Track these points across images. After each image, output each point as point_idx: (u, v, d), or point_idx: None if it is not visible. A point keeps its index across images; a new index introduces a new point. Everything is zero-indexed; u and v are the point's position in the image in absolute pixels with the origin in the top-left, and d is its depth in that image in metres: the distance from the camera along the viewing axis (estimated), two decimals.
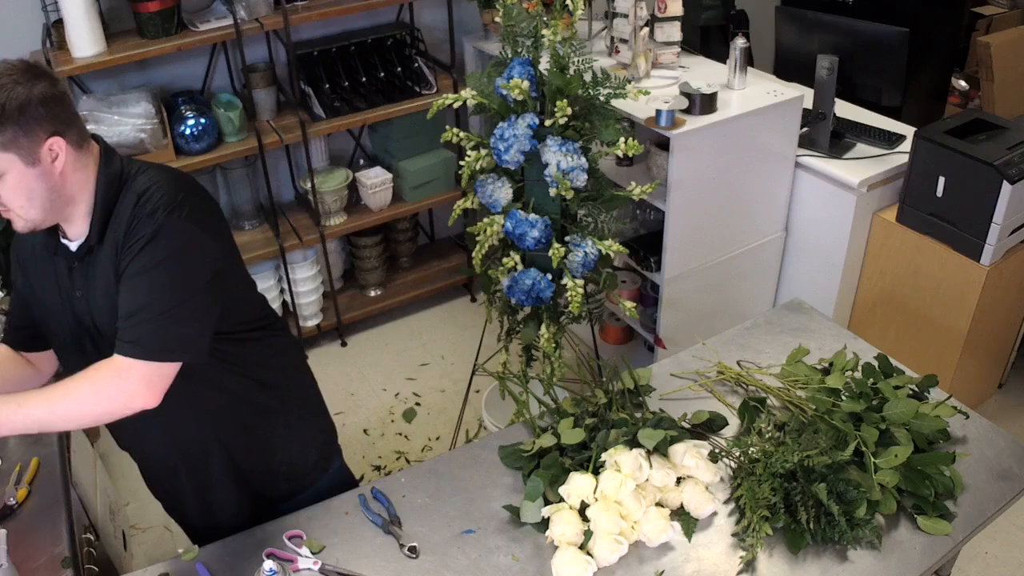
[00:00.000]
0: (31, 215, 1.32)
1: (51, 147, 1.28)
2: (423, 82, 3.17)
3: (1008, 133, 2.48)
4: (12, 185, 1.27)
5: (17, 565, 1.41)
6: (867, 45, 2.67)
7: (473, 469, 1.66)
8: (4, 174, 1.26)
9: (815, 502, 1.46)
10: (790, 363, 1.84)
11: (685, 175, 2.46)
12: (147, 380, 1.29)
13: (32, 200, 1.30)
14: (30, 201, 1.30)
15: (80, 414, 1.30)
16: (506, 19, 2.01)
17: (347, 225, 3.23)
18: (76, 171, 1.33)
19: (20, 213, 1.31)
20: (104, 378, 1.29)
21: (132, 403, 1.29)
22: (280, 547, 1.48)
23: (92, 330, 1.40)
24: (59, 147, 1.29)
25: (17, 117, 1.23)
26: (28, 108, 1.24)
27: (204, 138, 2.84)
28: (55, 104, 1.28)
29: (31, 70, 1.26)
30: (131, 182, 1.37)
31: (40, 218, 1.33)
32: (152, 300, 1.30)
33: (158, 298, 1.30)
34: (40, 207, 1.31)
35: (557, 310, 2.23)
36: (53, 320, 1.46)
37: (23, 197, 1.29)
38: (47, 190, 1.30)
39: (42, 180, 1.29)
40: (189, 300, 1.33)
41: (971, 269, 2.46)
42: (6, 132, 1.23)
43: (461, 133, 2.07)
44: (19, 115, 1.23)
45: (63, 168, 1.31)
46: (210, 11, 2.88)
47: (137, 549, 2.49)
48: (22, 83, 1.23)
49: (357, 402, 3.16)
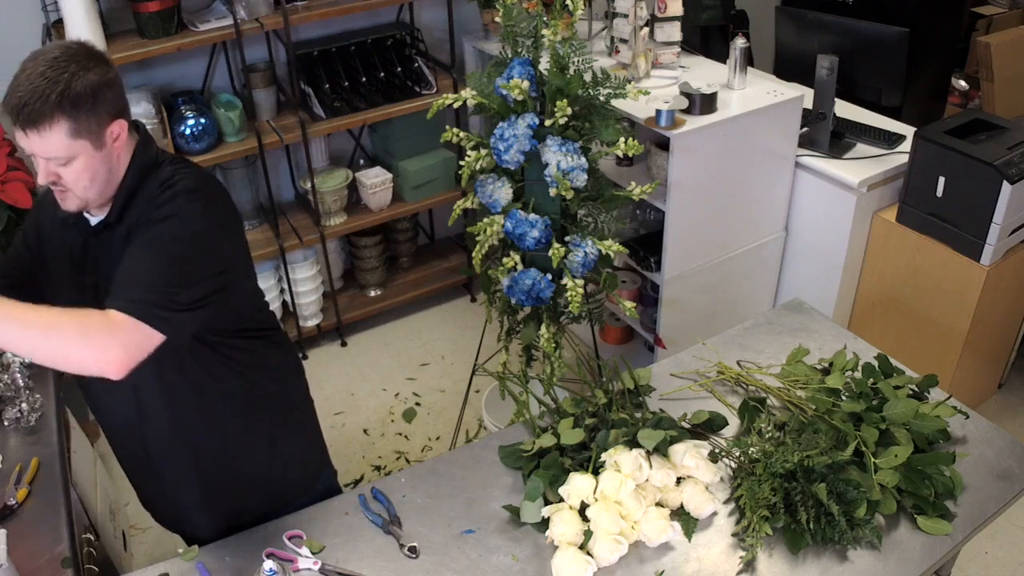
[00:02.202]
0: (89, 195, 1.33)
1: (113, 130, 1.30)
2: (423, 82, 3.17)
3: (1008, 133, 2.48)
4: (79, 169, 1.29)
5: (17, 565, 1.41)
6: (867, 45, 2.67)
7: (473, 469, 1.66)
8: (74, 158, 1.27)
9: (815, 502, 1.46)
10: (790, 363, 1.84)
11: (685, 175, 2.46)
12: (129, 341, 1.22)
13: (94, 181, 1.31)
14: (92, 183, 1.31)
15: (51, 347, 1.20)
16: (506, 19, 2.01)
17: (347, 225, 3.23)
18: (125, 153, 1.36)
19: (79, 193, 1.32)
20: (93, 324, 1.21)
21: (104, 359, 1.20)
22: (280, 547, 1.48)
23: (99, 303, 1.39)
24: (121, 129, 1.31)
25: (91, 104, 1.24)
26: (98, 93, 1.25)
27: (204, 138, 2.84)
28: (117, 86, 1.30)
29: (92, 54, 1.27)
30: (158, 170, 1.38)
31: (95, 198, 1.34)
32: (155, 272, 1.27)
33: (160, 272, 1.27)
34: (98, 188, 1.33)
35: (557, 310, 2.23)
36: (60, 291, 1.45)
37: (87, 179, 1.30)
38: (107, 172, 1.32)
39: (105, 162, 1.31)
40: (192, 284, 1.30)
41: (971, 269, 2.46)
42: (79, 120, 1.24)
43: (461, 133, 2.07)
44: (92, 101, 1.24)
45: (119, 150, 1.33)
46: (210, 11, 2.88)
47: (137, 549, 2.49)
48: (89, 68, 1.24)
49: (357, 402, 3.16)
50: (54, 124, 1.23)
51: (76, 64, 1.23)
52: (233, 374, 1.51)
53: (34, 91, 1.20)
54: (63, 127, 1.23)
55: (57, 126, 1.23)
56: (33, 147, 1.25)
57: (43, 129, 1.22)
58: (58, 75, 1.21)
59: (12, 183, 2.35)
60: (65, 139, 1.24)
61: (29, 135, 1.23)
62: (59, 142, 1.24)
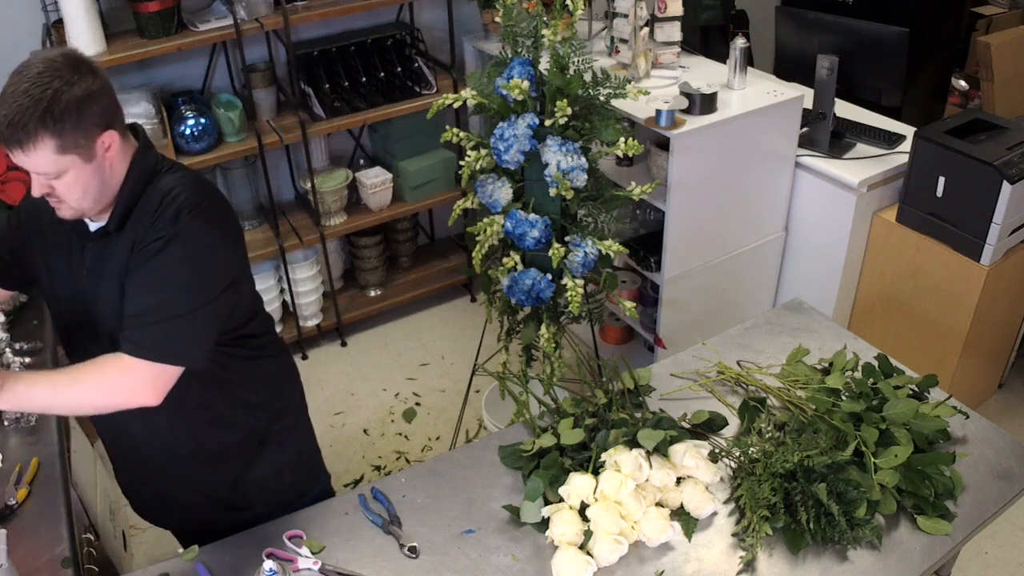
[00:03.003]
0: (83, 205, 1.33)
1: (104, 141, 1.29)
2: (423, 82, 3.17)
3: (1008, 133, 2.48)
4: (70, 182, 1.28)
5: (17, 565, 1.41)
6: (867, 45, 2.67)
7: (473, 469, 1.66)
8: (64, 172, 1.26)
9: (815, 502, 1.46)
10: (790, 363, 1.84)
11: (685, 175, 2.46)
12: (152, 380, 1.30)
13: (87, 193, 1.31)
14: (85, 194, 1.31)
15: (81, 403, 1.32)
16: (506, 19, 2.01)
17: (347, 225, 3.23)
18: (120, 161, 1.34)
19: (73, 204, 1.32)
20: (110, 374, 1.30)
21: (134, 399, 1.30)
22: (280, 547, 1.48)
23: (91, 307, 1.41)
24: (111, 139, 1.30)
25: (75, 119, 1.23)
26: (83, 107, 1.23)
27: (204, 138, 2.84)
28: (104, 97, 1.28)
29: (76, 65, 1.25)
30: (158, 179, 1.38)
31: (90, 208, 1.34)
32: (163, 301, 1.30)
33: (170, 300, 1.30)
34: (92, 198, 1.32)
35: (557, 310, 2.23)
36: (55, 288, 1.46)
37: (79, 191, 1.30)
38: (100, 183, 1.32)
39: (96, 174, 1.30)
40: (202, 306, 1.33)
41: (971, 269, 2.46)
42: (65, 136, 1.23)
43: (461, 133, 2.07)
44: (76, 116, 1.22)
45: (112, 160, 1.32)
46: (210, 11, 2.88)
47: (137, 549, 2.49)
48: (72, 81, 1.22)
49: (357, 402, 3.16)
50: (38, 142, 1.21)
51: (60, 80, 1.21)
52: (228, 378, 1.51)
53: (17, 109, 1.19)
54: (48, 144, 1.22)
55: (42, 144, 1.22)
56: (21, 163, 1.25)
57: (27, 148, 1.22)
58: (41, 92, 1.19)
59: (12, 183, 2.35)
60: (51, 155, 1.23)
61: (15, 153, 1.23)
62: (46, 159, 1.23)
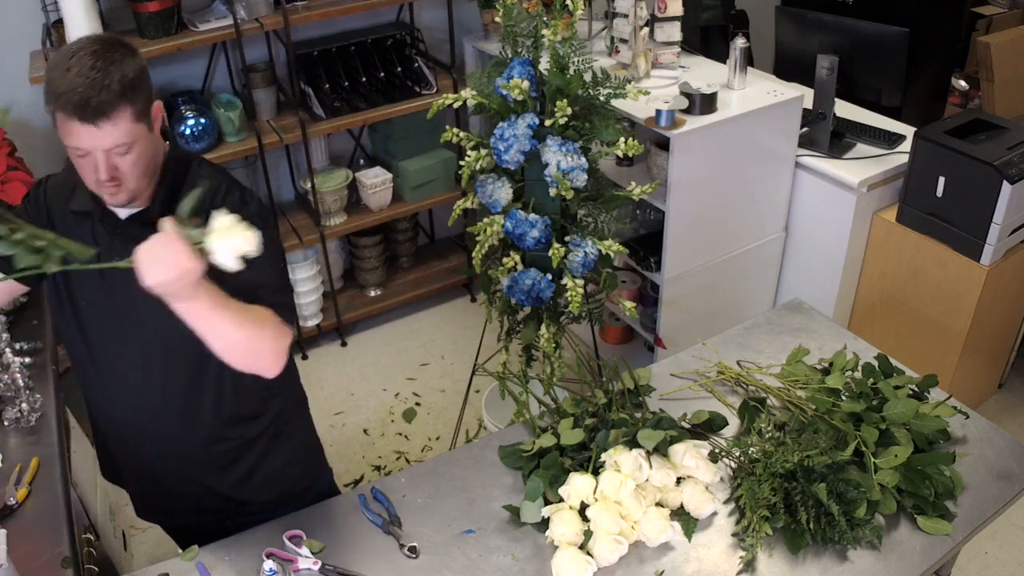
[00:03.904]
0: (141, 184, 1.32)
1: (155, 113, 1.31)
2: (423, 82, 3.17)
3: (1008, 133, 2.48)
4: (137, 155, 1.28)
5: (17, 565, 1.41)
6: (867, 45, 2.67)
7: (473, 469, 1.66)
8: (135, 143, 1.27)
9: (815, 502, 1.46)
10: (790, 363, 1.84)
11: (685, 175, 2.46)
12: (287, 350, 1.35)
13: (147, 168, 1.32)
14: (145, 169, 1.31)
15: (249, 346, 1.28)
16: (506, 19, 2.01)
17: (347, 225, 3.23)
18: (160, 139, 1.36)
19: (131, 184, 1.30)
20: (272, 332, 1.32)
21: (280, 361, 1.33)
22: (280, 547, 1.48)
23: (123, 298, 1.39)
24: (159, 110, 1.32)
25: (142, 86, 1.26)
26: (144, 77, 1.27)
27: (204, 138, 2.84)
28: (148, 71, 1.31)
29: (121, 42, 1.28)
30: (197, 168, 1.41)
31: (144, 186, 1.34)
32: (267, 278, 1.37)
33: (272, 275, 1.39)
34: (148, 175, 1.33)
35: (557, 310, 2.23)
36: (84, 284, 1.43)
37: (143, 165, 1.30)
38: (153, 157, 1.33)
39: (153, 146, 1.32)
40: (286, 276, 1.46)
41: (971, 269, 2.46)
42: (138, 103, 1.25)
43: (461, 133, 2.07)
44: (142, 84, 1.26)
45: (157, 134, 1.34)
46: (210, 11, 2.88)
47: (137, 549, 2.49)
48: (127, 54, 1.26)
49: (357, 402, 3.16)
50: (120, 111, 1.23)
51: (119, 54, 1.25)
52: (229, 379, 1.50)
53: (92, 84, 1.20)
54: (128, 113, 1.24)
55: (124, 112, 1.23)
56: (98, 140, 1.23)
57: (113, 117, 1.22)
58: (107, 65, 1.22)
59: (12, 183, 2.35)
60: (131, 124, 1.25)
61: (100, 126, 1.22)
62: (127, 128, 1.24)
